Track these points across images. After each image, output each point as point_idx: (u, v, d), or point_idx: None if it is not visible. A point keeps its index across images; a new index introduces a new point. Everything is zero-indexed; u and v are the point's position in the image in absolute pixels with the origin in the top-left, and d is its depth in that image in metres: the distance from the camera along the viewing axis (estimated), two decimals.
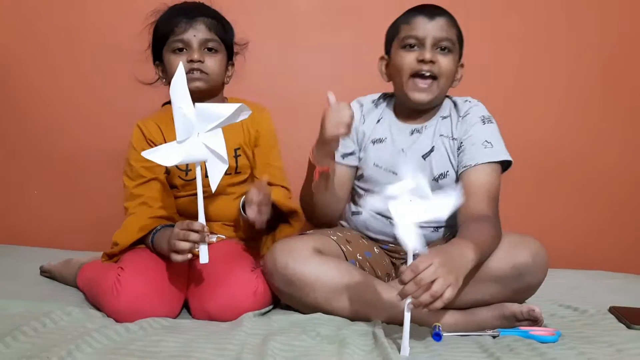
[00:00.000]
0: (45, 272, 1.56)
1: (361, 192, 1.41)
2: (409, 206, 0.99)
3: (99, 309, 1.21)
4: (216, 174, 1.16)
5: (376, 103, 1.44)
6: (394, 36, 1.35)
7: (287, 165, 1.52)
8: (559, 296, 1.46)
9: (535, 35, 2.02)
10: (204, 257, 1.14)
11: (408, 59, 1.30)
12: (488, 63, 1.92)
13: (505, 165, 1.30)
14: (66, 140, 2.00)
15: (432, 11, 1.31)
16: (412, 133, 1.37)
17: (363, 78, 1.96)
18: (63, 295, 1.36)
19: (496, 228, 1.18)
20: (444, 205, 1.00)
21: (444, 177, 1.32)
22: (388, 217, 1.30)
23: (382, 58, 1.41)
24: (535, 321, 1.14)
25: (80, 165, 2.00)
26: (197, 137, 1.13)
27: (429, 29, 1.29)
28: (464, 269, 1.02)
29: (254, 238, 1.45)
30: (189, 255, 1.14)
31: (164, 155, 1.13)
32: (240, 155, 1.42)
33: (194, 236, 1.13)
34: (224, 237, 1.39)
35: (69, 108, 2.00)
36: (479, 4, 1.97)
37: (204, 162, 1.16)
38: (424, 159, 1.34)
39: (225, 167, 1.16)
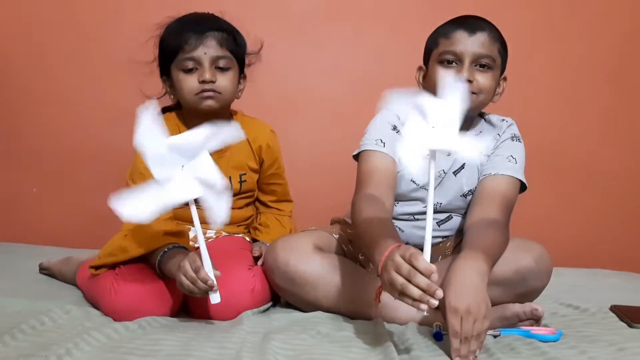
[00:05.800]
0: (45, 270, 1.55)
1: None
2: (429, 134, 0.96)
3: (97, 308, 1.20)
4: (219, 207, 1.04)
5: None
6: (432, 48, 1.27)
7: (287, 163, 1.52)
8: (560, 295, 1.45)
9: (542, 33, 2.01)
10: (214, 299, 1.09)
11: None
12: None
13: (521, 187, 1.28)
14: (66, 138, 2.00)
15: (474, 25, 1.22)
16: (449, 153, 1.28)
17: (363, 77, 1.98)
18: (62, 293, 1.36)
19: (504, 234, 1.15)
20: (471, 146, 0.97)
21: (472, 193, 1.30)
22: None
23: (420, 68, 1.33)
24: (537, 320, 1.14)
25: (80, 162, 2.00)
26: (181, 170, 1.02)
27: (468, 45, 1.20)
28: (485, 290, 0.98)
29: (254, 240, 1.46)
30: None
31: (151, 202, 1.01)
32: (245, 180, 1.40)
33: (200, 287, 1.07)
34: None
35: (68, 106, 2.00)
36: (486, 5, 1.95)
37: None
38: (455, 175, 1.31)
39: (228, 194, 1.04)
